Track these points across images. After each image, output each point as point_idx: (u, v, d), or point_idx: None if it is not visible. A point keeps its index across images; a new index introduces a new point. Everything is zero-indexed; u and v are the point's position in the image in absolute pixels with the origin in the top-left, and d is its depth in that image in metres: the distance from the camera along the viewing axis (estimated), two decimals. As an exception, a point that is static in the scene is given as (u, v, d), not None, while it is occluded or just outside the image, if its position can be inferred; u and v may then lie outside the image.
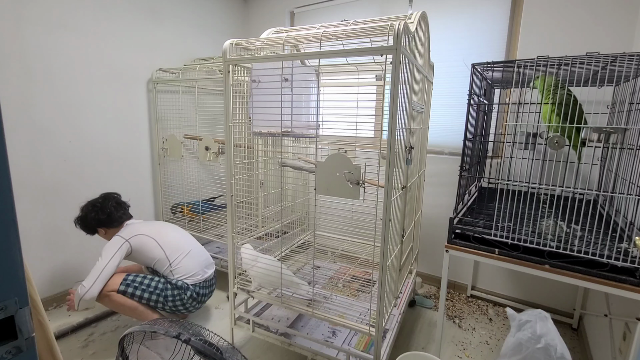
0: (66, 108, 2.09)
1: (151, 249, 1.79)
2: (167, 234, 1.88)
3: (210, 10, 2.94)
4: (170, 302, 1.77)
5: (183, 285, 1.78)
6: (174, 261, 1.80)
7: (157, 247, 1.80)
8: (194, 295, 1.82)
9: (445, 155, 2.45)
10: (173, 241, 1.86)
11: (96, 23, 2.18)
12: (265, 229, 2.28)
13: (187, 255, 1.86)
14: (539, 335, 1.24)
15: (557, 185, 1.79)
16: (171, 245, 1.84)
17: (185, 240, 1.93)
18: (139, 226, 1.85)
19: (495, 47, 2.24)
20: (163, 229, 1.91)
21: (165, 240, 1.84)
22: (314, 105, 1.62)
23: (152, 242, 1.80)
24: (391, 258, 1.38)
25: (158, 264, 1.80)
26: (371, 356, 1.40)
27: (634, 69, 1.35)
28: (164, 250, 1.80)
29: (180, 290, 1.77)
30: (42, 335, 0.83)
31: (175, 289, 1.77)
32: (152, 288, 1.75)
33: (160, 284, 1.77)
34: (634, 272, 1.17)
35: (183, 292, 1.78)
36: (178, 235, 1.93)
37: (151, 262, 1.80)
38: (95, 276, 1.65)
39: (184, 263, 1.83)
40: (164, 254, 1.80)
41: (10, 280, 0.51)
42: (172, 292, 1.77)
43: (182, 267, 1.81)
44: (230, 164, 1.55)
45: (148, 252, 1.78)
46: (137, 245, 1.77)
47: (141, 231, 1.81)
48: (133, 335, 1.26)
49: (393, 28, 1.13)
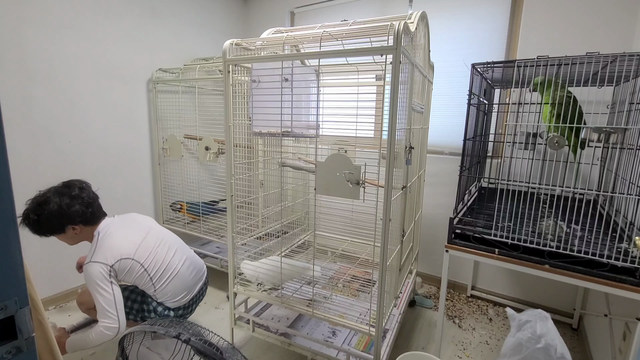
0: (66, 108, 2.09)
1: (136, 274, 1.54)
2: (152, 249, 1.60)
3: (210, 10, 2.93)
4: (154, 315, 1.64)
5: (162, 313, 1.62)
6: (160, 286, 1.60)
7: (142, 272, 1.55)
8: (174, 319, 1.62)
9: (445, 155, 2.45)
10: (160, 260, 1.60)
11: (96, 23, 2.18)
12: (265, 229, 2.28)
13: (175, 277, 1.63)
14: (539, 335, 1.24)
15: (557, 185, 1.79)
16: (158, 267, 1.59)
17: (174, 254, 1.67)
18: (117, 240, 1.53)
19: (495, 47, 2.24)
20: (147, 241, 1.60)
21: (150, 261, 1.57)
22: (314, 105, 1.62)
23: (136, 267, 1.53)
24: (391, 258, 1.38)
25: (142, 285, 1.59)
26: (371, 356, 1.40)
27: (634, 69, 1.35)
28: (150, 276, 1.57)
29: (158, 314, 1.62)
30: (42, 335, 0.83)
31: (153, 312, 1.62)
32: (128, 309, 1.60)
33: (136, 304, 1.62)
34: (634, 272, 1.17)
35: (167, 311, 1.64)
36: (164, 249, 1.64)
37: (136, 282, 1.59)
38: (114, 311, 1.43)
39: (171, 286, 1.62)
40: (149, 279, 1.57)
41: (10, 280, 0.50)
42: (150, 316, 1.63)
43: (168, 290, 1.61)
44: (230, 164, 1.55)
45: (131, 276, 1.55)
46: (122, 270, 1.51)
47: (123, 253, 1.50)
48: (133, 335, 1.26)
49: (393, 28, 1.13)
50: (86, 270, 1.46)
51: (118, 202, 2.42)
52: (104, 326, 1.41)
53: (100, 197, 2.30)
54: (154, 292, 1.60)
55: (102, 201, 2.31)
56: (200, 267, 1.81)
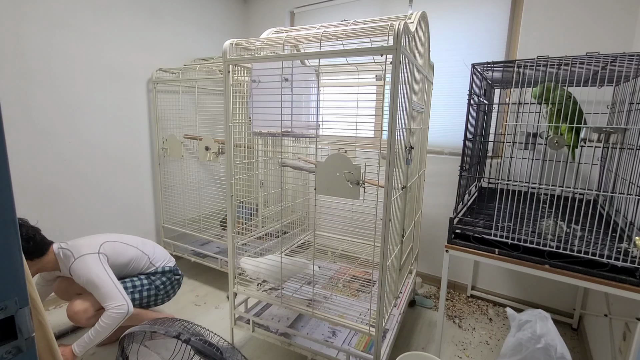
0: (66, 108, 2.09)
1: (124, 251, 1.68)
2: (123, 236, 1.76)
3: (210, 10, 2.94)
4: (162, 289, 1.77)
5: (171, 269, 1.80)
6: (150, 252, 1.77)
7: (128, 246, 1.71)
8: (180, 274, 1.86)
9: (445, 155, 2.45)
10: (134, 239, 1.79)
11: (96, 23, 2.18)
12: (265, 229, 2.28)
13: (155, 245, 1.85)
14: (539, 335, 1.24)
15: (557, 185, 1.80)
16: (137, 241, 1.77)
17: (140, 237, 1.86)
18: (85, 239, 1.64)
19: (495, 47, 2.24)
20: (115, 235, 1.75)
21: (128, 239, 1.75)
22: (314, 105, 1.62)
23: (120, 245, 1.68)
24: (391, 258, 1.38)
25: (135, 262, 1.71)
26: (371, 356, 1.40)
27: (634, 69, 1.35)
28: (136, 247, 1.73)
29: (170, 274, 1.79)
30: (42, 335, 0.83)
31: (163, 275, 1.77)
32: (140, 287, 1.72)
33: (144, 280, 1.74)
34: (634, 272, 1.17)
35: (172, 275, 1.80)
36: (131, 236, 1.82)
37: (127, 265, 1.70)
38: (117, 292, 1.51)
39: (158, 250, 1.83)
40: (137, 250, 1.73)
41: (10, 280, 0.50)
42: (162, 280, 1.77)
43: (158, 254, 1.81)
44: (230, 164, 1.55)
45: (122, 255, 1.67)
46: (109, 252, 1.63)
47: (100, 240, 1.64)
48: (133, 335, 1.26)
49: (393, 28, 1.13)
50: (78, 266, 1.51)
51: (118, 202, 2.42)
52: (113, 307, 1.47)
53: (100, 197, 2.31)
54: (150, 260, 1.75)
55: (102, 201, 2.33)
56: None
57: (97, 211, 2.31)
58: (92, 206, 2.27)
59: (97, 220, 2.31)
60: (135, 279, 1.73)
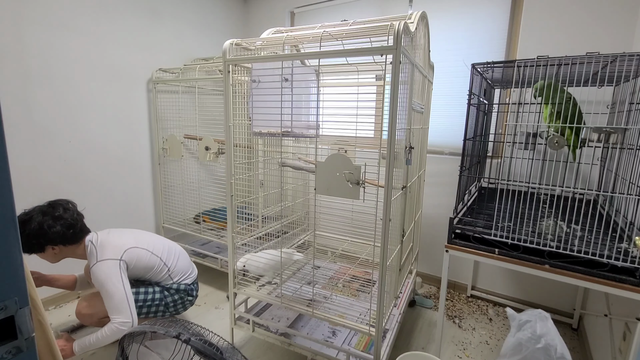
0: (66, 108, 2.09)
1: (147, 260, 1.66)
2: (150, 238, 1.75)
3: (210, 10, 2.94)
4: (172, 307, 1.75)
5: (186, 288, 1.77)
6: (171, 264, 1.75)
7: (151, 255, 1.68)
8: (196, 293, 1.84)
9: (445, 155, 2.45)
10: (161, 244, 1.76)
11: (96, 23, 2.18)
12: (265, 229, 2.28)
13: (180, 255, 1.83)
14: (539, 335, 1.24)
15: (557, 185, 1.80)
16: (162, 250, 1.74)
17: (169, 242, 1.86)
18: (115, 238, 1.62)
19: (495, 47, 2.24)
20: (141, 235, 1.75)
21: (154, 245, 1.72)
22: (314, 105, 1.62)
23: (144, 253, 1.66)
24: (391, 258, 1.38)
25: (154, 272, 1.70)
26: (371, 356, 1.41)
27: (634, 69, 1.35)
28: (159, 257, 1.71)
29: (183, 293, 1.76)
30: (42, 335, 0.83)
31: (176, 293, 1.75)
32: (150, 301, 1.69)
33: (157, 294, 1.70)
34: (634, 272, 1.17)
35: (186, 295, 1.77)
36: (158, 238, 1.81)
37: (146, 273, 1.68)
38: (127, 306, 1.49)
39: (180, 263, 1.80)
40: (160, 260, 1.71)
41: (10, 280, 0.51)
42: (174, 298, 1.74)
43: (179, 268, 1.78)
44: (230, 164, 1.55)
45: (144, 263, 1.65)
46: (132, 260, 1.60)
47: (127, 244, 1.62)
48: (133, 335, 1.26)
49: (393, 28, 1.13)
50: (98, 270, 1.51)
51: (118, 202, 2.42)
52: (119, 322, 1.47)
53: (100, 197, 2.31)
54: (169, 273, 1.72)
55: (102, 201, 2.33)
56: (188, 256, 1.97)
57: (97, 211, 2.31)
58: (92, 206, 2.27)
59: (97, 220, 2.31)
60: (150, 292, 1.70)
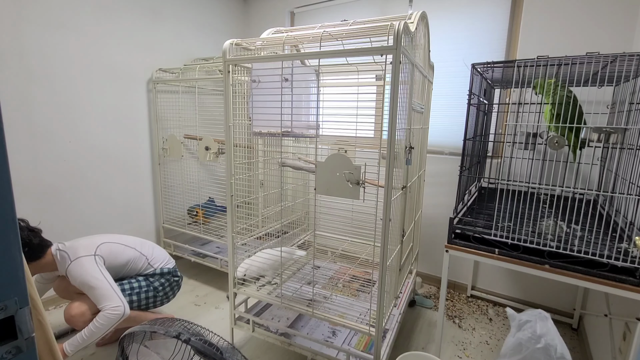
0: (66, 108, 2.09)
1: (121, 252, 1.67)
2: (122, 237, 1.76)
3: (210, 10, 2.94)
4: (161, 290, 1.76)
5: (170, 270, 1.79)
6: (148, 253, 1.76)
7: (125, 248, 1.69)
8: (179, 274, 1.86)
9: (445, 155, 2.45)
10: (132, 239, 1.78)
11: (96, 23, 2.18)
12: (265, 229, 2.28)
13: (154, 246, 1.84)
14: (539, 335, 1.24)
15: (557, 185, 1.80)
16: (135, 242, 1.76)
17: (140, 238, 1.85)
18: (83, 240, 1.63)
19: (495, 47, 2.24)
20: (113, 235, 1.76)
21: (126, 240, 1.74)
22: (314, 105, 1.62)
23: (117, 246, 1.67)
24: (391, 258, 1.38)
25: (132, 264, 1.71)
26: (371, 356, 1.40)
27: (634, 69, 1.35)
28: (134, 247, 1.73)
29: (168, 275, 1.78)
30: (42, 335, 0.83)
31: (161, 277, 1.76)
32: (138, 289, 1.70)
33: (142, 282, 1.72)
34: (634, 272, 1.17)
35: (171, 276, 1.79)
36: (130, 236, 1.82)
37: (125, 266, 1.69)
38: (113, 293, 1.50)
39: (157, 251, 1.82)
40: (135, 251, 1.72)
41: (10, 280, 0.51)
42: (160, 281, 1.75)
43: (157, 255, 1.80)
44: (230, 164, 1.55)
45: (119, 256, 1.66)
46: (106, 254, 1.62)
47: (97, 241, 1.63)
48: (133, 335, 1.26)
49: (393, 28, 1.13)
50: (73, 269, 1.51)
51: (118, 202, 2.42)
52: (110, 308, 1.46)
53: (100, 197, 2.31)
54: (148, 261, 1.74)
55: (102, 201, 2.33)
56: None
57: (97, 211, 2.31)
58: (92, 206, 2.27)
59: (97, 220, 2.31)
60: (133, 281, 1.72)
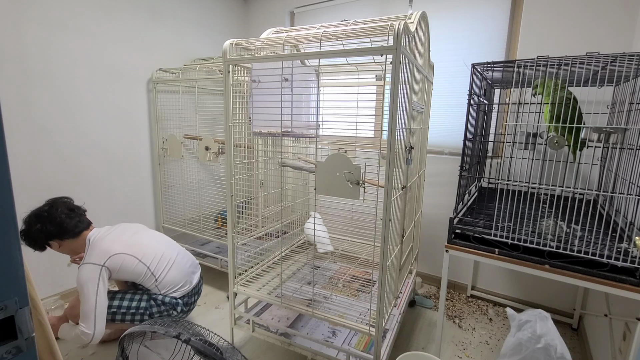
0: (66, 108, 2.09)
1: (132, 268, 1.59)
2: (144, 243, 1.68)
3: (210, 10, 2.94)
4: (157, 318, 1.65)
5: (171, 301, 1.67)
6: (160, 275, 1.65)
7: (138, 264, 1.60)
8: (184, 308, 1.73)
9: (445, 155, 2.45)
10: (154, 252, 1.68)
11: (96, 23, 2.18)
12: (266, 229, 2.28)
13: (172, 266, 1.71)
14: (539, 335, 1.24)
15: (557, 185, 1.80)
16: (153, 258, 1.66)
17: (167, 247, 1.76)
18: (107, 242, 1.60)
19: (495, 47, 2.24)
20: (137, 238, 1.69)
21: (145, 253, 1.64)
22: (314, 105, 1.62)
23: (131, 260, 1.59)
24: (391, 258, 1.38)
25: (142, 280, 1.64)
26: (371, 356, 1.40)
27: (634, 69, 1.35)
28: (147, 265, 1.63)
29: (168, 306, 1.67)
30: (42, 335, 0.83)
31: (162, 305, 1.66)
32: (135, 309, 1.64)
33: (143, 302, 1.65)
34: (634, 272, 1.17)
35: (171, 308, 1.68)
36: (156, 243, 1.73)
37: (135, 278, 1.63)
38: (92, 317, 1.48)
39: (171, 275, 1.69)
40: (147, 270, 1.62)
41: (10, 280, 0.51)
42: (160, 309, 1.65)
43: (168, 279, 1.68)
44: (230, 164, 1.55)
45: (129, 271, 1.59)
46: (116, 267, 1.56)
47: (114, 250, 1.57)
48: (133, 335, 1.26)
49: (393, 28, 1.13)
50: (80, 272, 1.54)
51: (118, 202, 2.42)
52: (81, 330, 1.49)
53: (101, 197, 2.31)
54: (156, 284, 1.66)
55: (103, 201, 2.33)
56: (193, 259, 1.91)
57: (97, 211, 2.31)
58: (92, 206, 2.27)
59: (97, 220, 2.31)
60: (136, 299, 1.66)
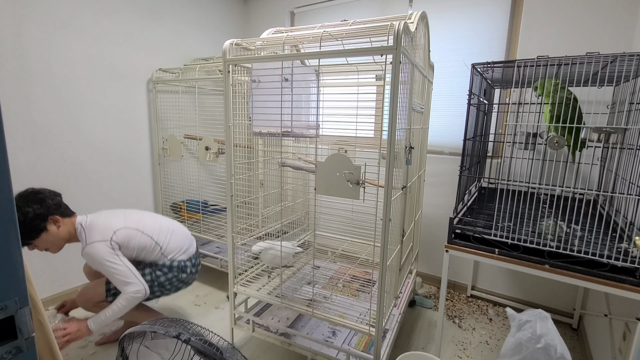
0: (66, 108, 2.09)
1: (138, 239, 1.64)
2: (140, 218, 1.73)
3: (210, 10, 2.94)
4: (168, 285, 1.72)
5: (179, 264, 1.73)
6: (163, 242, 1.72)
7: (142, 235, 1.66)
8: (192, 269, 1.79)
9: (445, 155, 2.45)
10: (152, 223, 1.73)
11: (96, 23, 2.18)
12: (266, 229, 2.28)
13: (173, 232, 1.78)
14: (539, 335, 1.24)
15: (557, 185, 1.79)
16: (153, 228, 1.71)
17: (162, 219, 1.81)
18: (104, 221, 1.62)
19: (495, 47, 2.24)
20: (131, 214, 1.74)
21: (145, 224, 1.70)
22: (314, 105, 1.62)
23: (134, 233, 1.64)
24: (391, 258, 1.38)
25: (146, 251, 1.68)
26: (371, 356, 1.40)
27: (634, 69, 1.35)
28: (151, 236, 1.68)
29: (178, 270, 1.72)
30: (42, 335, 0.83)
31: (169, 271, 1.70)
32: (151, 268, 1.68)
33: (147, 277, 1.67)
34: (634, 272, 1.17)
35: (180, 272, 1.73)
36: (151, 216, 1.79)
37: (139, 253, 1.67)
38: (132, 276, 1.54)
39: (174, 241, 1.75)
40: (151, 239, 1.68)
41: (10, 280, 0.51)
42: (167, 277, 1.71)
43: (172, 245, 1.74)
44: (230, 164, 1.55)
45: (135, 243, 1.64)
46: (124, 241, 1.60)
47: (115, 225, 1.62)
48: (133, 335, 1.26)
49: (393, 28, 1.13)
50: (89, 253, 1.54)
51: (118, 202, 2.42)
52: (132, 292, 1.53)
53: (101, 197, 2.31)
54: (161, 252, 1.70)
55: (103, 201, 2.33)
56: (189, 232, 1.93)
57: (97, 210, 2.31)
58: (92, 206, 2.27)
59: (97, 220, 2.31)
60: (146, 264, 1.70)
